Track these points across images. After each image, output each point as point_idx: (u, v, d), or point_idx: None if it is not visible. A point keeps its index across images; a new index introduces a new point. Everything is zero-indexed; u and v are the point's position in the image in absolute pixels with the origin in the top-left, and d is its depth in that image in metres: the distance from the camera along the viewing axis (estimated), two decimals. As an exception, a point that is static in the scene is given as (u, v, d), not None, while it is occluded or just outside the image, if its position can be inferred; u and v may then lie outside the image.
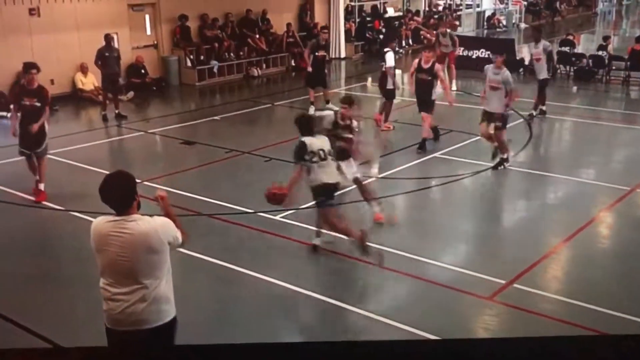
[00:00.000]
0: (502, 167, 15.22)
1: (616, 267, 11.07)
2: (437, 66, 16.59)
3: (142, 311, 6.25)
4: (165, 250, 6.38)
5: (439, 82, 16.95)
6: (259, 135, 18.34)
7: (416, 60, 17.03)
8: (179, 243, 6.63)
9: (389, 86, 18.45)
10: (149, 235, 6.28)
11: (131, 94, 22.03)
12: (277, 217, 12.70)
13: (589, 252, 11.57)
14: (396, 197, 13.99)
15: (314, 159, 10.66)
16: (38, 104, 13.71)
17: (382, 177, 14.95)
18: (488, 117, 15.25)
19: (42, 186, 13.93)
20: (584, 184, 14.84)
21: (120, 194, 6.37)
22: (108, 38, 20.01)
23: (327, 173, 10.81)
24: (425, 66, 16.52)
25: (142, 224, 6.32)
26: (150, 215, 6.53)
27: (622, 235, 12.38)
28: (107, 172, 6.86)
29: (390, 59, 18.50)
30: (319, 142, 10.78)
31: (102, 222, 6.43)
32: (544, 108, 19.98)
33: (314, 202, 11.33)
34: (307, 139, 10.74)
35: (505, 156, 15.24)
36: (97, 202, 6.57)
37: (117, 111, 20.11)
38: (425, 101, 16.82)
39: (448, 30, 24.80)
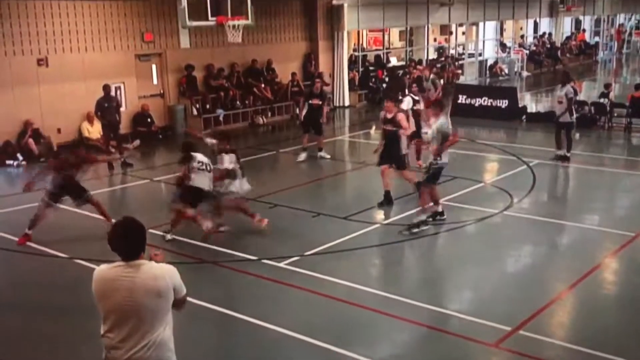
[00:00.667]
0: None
1: (622, 313, 10.90)
2: (400, 115, 16.07)
3: (147, 357, 6.11)
4: (170, 296, 6.24)
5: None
6: (263, 182, 18.24)
7: (382, 112, 16.33)
8: (184, 293, 6.46)
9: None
10: (158, 279, 6.16)
11: (137, 142, 21.90)
12: (281, 264, 12.60)
13: (595, 299, 11.42)
14: (399, 243, 13.87)
15: (201, 167, 13.69)
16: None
17: (386, 224, 14.91)
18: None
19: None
20: (588, 230, 14.74)
21: (132, 241, 6.22)
22: (107, 89, 20.06)
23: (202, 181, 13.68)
24: (389, 116, 15.89)
25: (151, 268, 6.22)
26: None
27: (628, 281, 12.23)
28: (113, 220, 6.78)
29: (407, 103, 18.60)
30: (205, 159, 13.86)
31: (107, 269, 6.29)
32: (561, 153, 20.00)
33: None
34: (196, 154, 13.76)
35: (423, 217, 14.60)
36: (100, 249, 6.49)
37: (122, 159, 20.05)
38: (392, 155, 15.99)
39: (431, 76, 24.63)
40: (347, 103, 31.48)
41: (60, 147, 21.74)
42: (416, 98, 19.65)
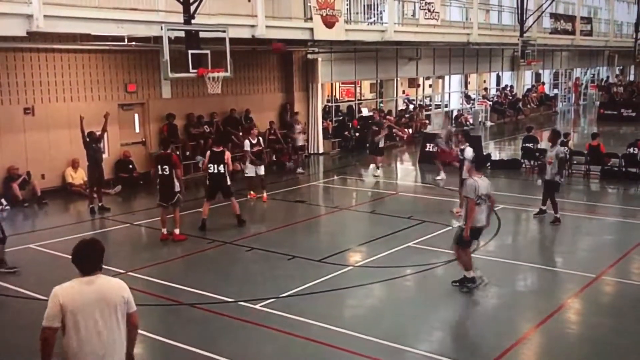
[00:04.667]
0: None
1: (586, 351, 10.78)
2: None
3: None
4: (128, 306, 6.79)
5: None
6: (240, 227, 18.04)
7: None
8: (134, 307, 6.86)
9: None
10: (122, 287, 6.77)
11: (118, 187, 21.80)
12: (257, 306, 12.39)
13: (559, 338, 11.27)
14: (372, 285, 13.70)
15: None
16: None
17: (359, 266, 14.74)
18: None
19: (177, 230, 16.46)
20: (551, 271, 14.68)
21: (94, 256, 6.76)
22: (93, 134, 19.86)
23: None
24: None
25: (111, 278, 6.90)
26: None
27: (591, 321, 12.12)
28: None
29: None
30: None
31: (70, 284, 6.63)
32: (544, 208, 18.96)
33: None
34: None
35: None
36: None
37: (100, 204, 19.89)
38: None
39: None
40: (321, 150, 31.41)
41: (44, 192, 21.53)
42: None
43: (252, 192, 21.68)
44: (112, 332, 6.57)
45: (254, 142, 21.52)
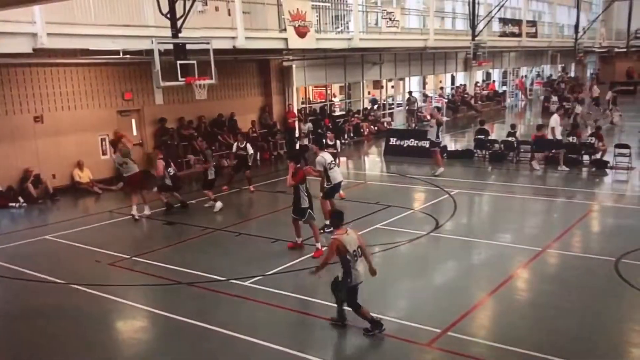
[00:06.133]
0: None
1: (533, 315, 11.05)
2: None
3: None
4: None
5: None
6: (229, 215, 18.23)
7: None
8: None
9: None
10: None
11: (120, 184, 21.86)
12: (246, 283, 12.60)
13: (510, 303, 11.55)
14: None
15: None
16: None
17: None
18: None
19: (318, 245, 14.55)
20: (502, 246, 14.87)
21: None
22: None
23: None
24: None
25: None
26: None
27: (537, 288, 12.39)
28: (102, 250, 6.82)
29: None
30: None
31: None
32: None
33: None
34: None
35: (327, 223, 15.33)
36: (91, 275, 6.44)
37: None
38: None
39: None
40: (296, 147, 31.46)
41: (56, 190, 21.68)
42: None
43: (225, 187, 21.95)
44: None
45: (241, 146, 21.68)
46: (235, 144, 22.34)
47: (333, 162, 16.44)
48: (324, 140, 19.69)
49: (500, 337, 9.98)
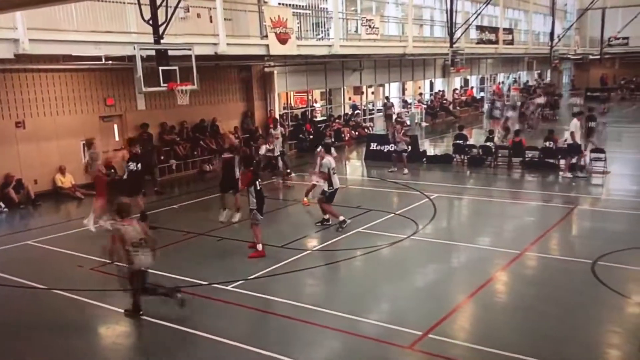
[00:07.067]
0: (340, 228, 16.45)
1: (512, 316, 11.06)
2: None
3: None
4: None
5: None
6: (211, 220, 18.08)
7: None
8: None
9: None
10: None
11: (103, 189, 21.65)
12: (229, 287, 12.51)
13: (490, 306, 11.55)
14: (328, 265, 13.97)
15: None
16: None
17: (316, 250, 14.96)
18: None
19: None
20: (481, 249, 14.88)
21: None
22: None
23: None
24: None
25: None
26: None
27: (516, 291, 12.39)
28: (84, 255, 6.70)
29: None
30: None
31: None
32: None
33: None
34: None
35: (341, 219, 16.52)
36: (73, 280, 6.33)
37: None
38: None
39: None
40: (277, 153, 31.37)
41: (38, 195, 21.43)
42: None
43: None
44: None
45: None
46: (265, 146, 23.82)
47: (335, 168, 16.92)
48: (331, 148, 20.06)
49: (480, 339, 9.95)
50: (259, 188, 14.42)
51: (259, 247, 14.61)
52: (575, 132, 23.03)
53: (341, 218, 16.56)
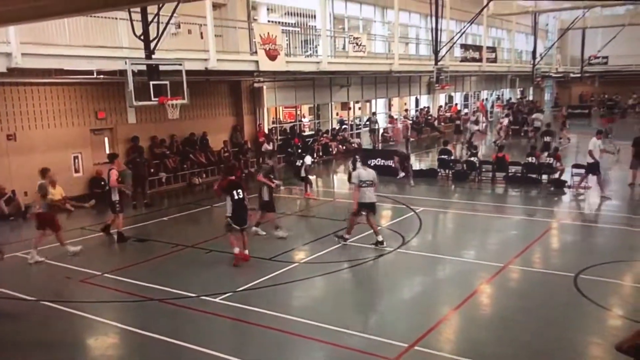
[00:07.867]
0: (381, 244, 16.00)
1: (497, 329, 11.00)
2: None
3: None
4: None
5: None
6: (200, 232, 18.00)
7: None
8: None
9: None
10: None
11: (92, 201, 21.52)
12: (217, 300, 12.39)
13: (474, 318, 11.49)
14: (315, 278, 13.84)
15: None
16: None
17: (303, 263, 14.87)
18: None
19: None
20: (466, 262, 14.84)
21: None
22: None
23: None
24: None
25: None
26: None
27: (500, 303, 12.34)
28: (73, 267, 6.60)
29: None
30: None
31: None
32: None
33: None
34: None
35: (380, 239, 16.05)
36: (62, 292, 6.23)
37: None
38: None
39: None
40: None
41: (28, 207, 21.22)
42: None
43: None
44: None
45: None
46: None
47: (366, 182, 16.24)
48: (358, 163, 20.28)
49: (465, 351, 9.87)
50: (236, 198, 14.55)
51: (235, 250, 14.72)
52: (593, 151, 22.40)
53: (347, 237, 16.59)
